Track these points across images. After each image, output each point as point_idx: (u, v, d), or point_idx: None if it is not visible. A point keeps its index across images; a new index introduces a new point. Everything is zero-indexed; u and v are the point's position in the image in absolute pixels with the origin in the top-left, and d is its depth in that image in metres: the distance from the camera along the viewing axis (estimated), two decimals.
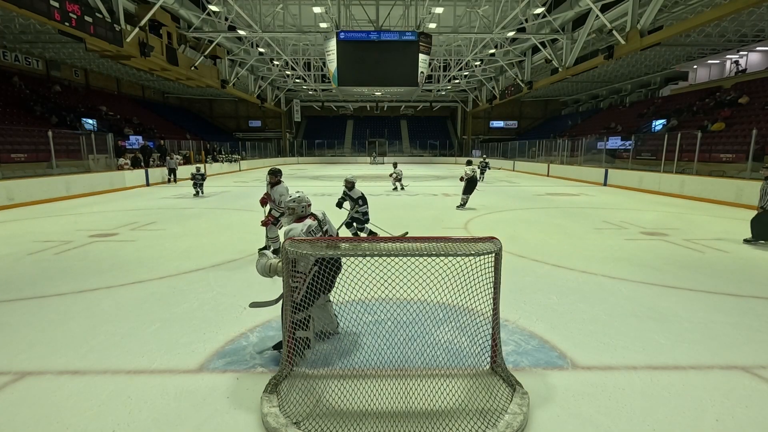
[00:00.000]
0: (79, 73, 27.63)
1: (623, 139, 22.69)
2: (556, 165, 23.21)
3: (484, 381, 2.67)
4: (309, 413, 2.36)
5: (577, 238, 7.15)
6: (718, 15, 11.58)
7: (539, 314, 3.83)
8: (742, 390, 2.66)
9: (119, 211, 10.23)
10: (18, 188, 11.04)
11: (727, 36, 19.70)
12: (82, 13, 11.78)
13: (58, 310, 3.93)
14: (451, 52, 26.40)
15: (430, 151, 43.33)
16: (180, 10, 17.13)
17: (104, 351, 3.14)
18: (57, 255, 5.94)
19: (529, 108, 44.54)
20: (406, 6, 17.84)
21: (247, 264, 5.51)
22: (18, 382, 2.74)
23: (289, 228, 3.03)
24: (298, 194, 3.26)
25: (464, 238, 2.87)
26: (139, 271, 5.17)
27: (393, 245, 2.62)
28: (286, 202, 3.29)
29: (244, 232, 7.55)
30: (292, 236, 2.86)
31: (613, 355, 3.09)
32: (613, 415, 2.40)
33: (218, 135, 37.97)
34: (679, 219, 9.02)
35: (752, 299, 4.28)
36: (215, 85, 22.77)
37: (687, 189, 12.96)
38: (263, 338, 3.35)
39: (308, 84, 32.83)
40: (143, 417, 2.38)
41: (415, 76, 16.90)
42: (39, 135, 14.98)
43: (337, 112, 47.06)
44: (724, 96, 19.94)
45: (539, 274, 5.05)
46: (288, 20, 19.75)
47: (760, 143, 13.27)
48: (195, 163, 23.07)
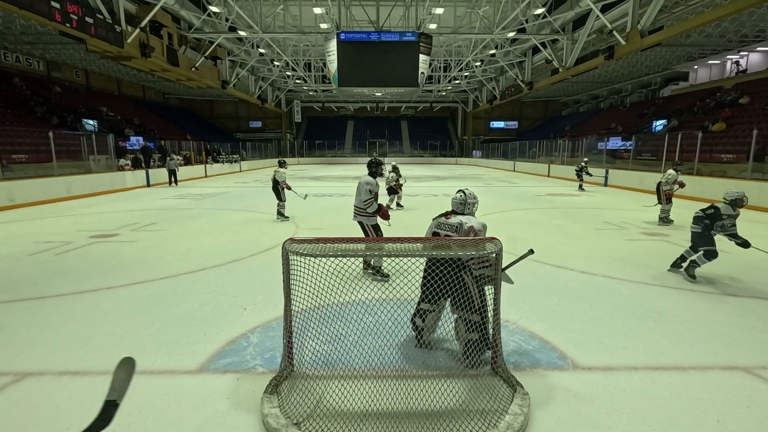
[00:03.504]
0: (79, 74, 27.67)
1: (624, 139, 22.70)
2: (557, 165, 23.20)
3: (484, 382, 2.67)
4: (310, 414, 2.36)
5: (577, 239, 7.14)
6: (719, 15, 11.57)
7: (540, 315, 3.83)
8: (743, 391, 2.66)
9: (120, 211, 10.24)
10: (19, 189, 11.05)
11: (728, 36, 19.69)
12: (82, 14, 11.80)
13: (58, 311, 3.93)
14: (451, 52, 26.41)
15: (430, 152, 43.34)
16: (180, 11, 17.16)
17: (104, 351, 3.15)
18: (57, 256, 5.94)
19: (529, 108, 44.54)
20: (406, 7, 17.85)
21: (248, 264, 5.51)
22: (18, 382, 2.74)
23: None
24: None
25: (464, 239, 2.87)
26: (140, 271, 5.18)
27: (393, 245, 2.62)
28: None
29: (244, 233, 7.56)
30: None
31: (613, 356, 3.08)
32: (613, 416, 2.39)
33: (219, 135, 38.00)
34: (680, 219, 9.01)
35: (753, 299, 4.28)
36: (216, 85, 22.79)
37: (687, 189, 12.91)
38: (264, 339, 3.35)
39: (309, 85, 32.86)
40: (144, 417, 2.38)
41: (415, 76, 16.90)
42: (40, 136, 15.01)
43: (337, 112, 47.10)
44: (724, 96, 19.94)
45: (540, 275, 5.04)
46: (288, 21, 19.77)
47: (760, 143, 13.26)
48: (195, 163, 23.10)
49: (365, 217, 4.84)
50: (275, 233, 7.49)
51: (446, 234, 3.04)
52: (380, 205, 4.84)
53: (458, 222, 3.03)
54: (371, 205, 4.74)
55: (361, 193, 4.77)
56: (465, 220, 3.02)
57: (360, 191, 4.79)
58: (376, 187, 4.78)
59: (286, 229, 8.00)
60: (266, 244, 6.60)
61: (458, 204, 3.15)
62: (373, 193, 4.73)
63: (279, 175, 8.74)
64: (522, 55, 24.81)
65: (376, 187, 4.80)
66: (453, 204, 3.19)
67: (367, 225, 4.89)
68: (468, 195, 3.15)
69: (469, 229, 2.95)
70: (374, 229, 4.92)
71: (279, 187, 8.74)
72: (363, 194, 4.74)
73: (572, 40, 19.00)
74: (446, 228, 3.07)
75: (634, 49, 14.40)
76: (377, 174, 4.91)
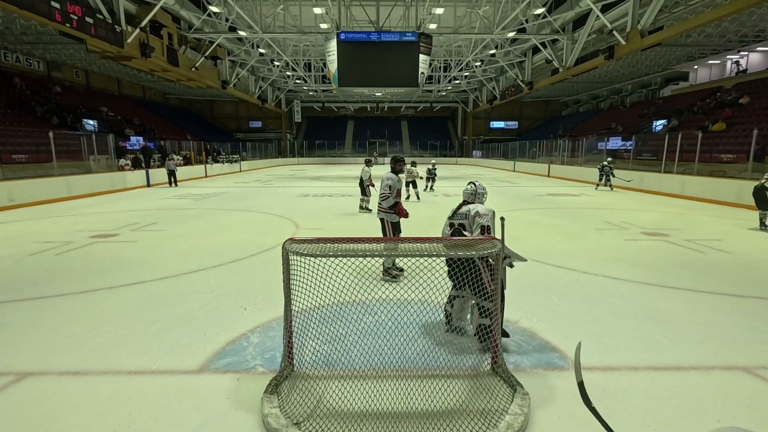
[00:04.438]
0: (80, 74, 27.68)
1: (624, 139, 22.68)
2: (557, 165, 23.20)
3: (484, 382, 2.67)
4: (310, 414, 2.36)
5: (578, 239, 7.14)
6: (719, 15, 11.57)
7: (540, 315, 3.83)
8: (743, 391, 2.66)
9: (120, 211, 10.24)
10: (19, 189, 11.06)
11: (728, 36, 19.69)
12: (83, 14, 11.81)
13: (59, 311, 3.93)
14: (451, 52, 26.42)
15: (430, 152, 43.33)
16: (181, 11, 17.16)
17: (105, 352, 3.15)
18: (58, 256, 5.94)
19: (529, 108, 44.55)
20: (406, 7, 17.85)
21: (248, 264, 5.52)
22: (19, 382, 2.74)
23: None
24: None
25: (465, 239, 2.87)
26: (140, 271, 5.18)
27: (393, 246, 2.62)
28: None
29: (244, 233, 7.56)
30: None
31: (614, 356, 3.08)
32: (614, 416, 2.39)
33: (219, 135, 38.02)
34: (680, 219, 9.01)
35: (753, 299, 4.27)
36: (216, 85, 22.80)
37: (688, 189, 12.95)
38: (264, 339, 3.35)
39: (309, 85, 32.88)
40: (144, 418, 2.38)
41: (415, 76, 16.89)
42: (40, 136, 15.02)
43: (337, 112, 47.12)
44: (724, 96, 19.93)
45: (540, 275, 5.04)
46: (288, 21, 19.78)
47: (760, 143, 13.26)
48: (195, 164, 23.10)
49: (386, 213, 4.85)
50: (275, 233, 7.50)
51: (459, 222, 3.28)
52: (397, 203, 4.85)
53: (467, 210, 3.29)
54: (387, 199, 4.76)
55: (381, 187, 4.83)
56: (472, 207, 3.26)
57: (381, 186, 4.85)
58: (396, 183, 4.82)
59: (287, 229, 8.00)
60: (266, 244, 6.61)
61: (469, 194, 3.41)
62: (391, 188, 4.75)
63: (364, 173, 9.86)
64: (522, 55, 24.81)
65: (397, 183, 4.84)
66: (464, 194, 3.44)
67: (387, 222, 4.89)
68: (478, 186, 3.42)
69: (475, 214, 3.19)
70: (393, 228, 4.91)
71: (364, 183, 9.84)
72: (382, 187, 4.81)
73: (572, 40, 19.00)
74: (458, 217, 3.30)
75: (634, 49, 14.40)
76: (398, 170, 4.95)
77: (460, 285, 3.14)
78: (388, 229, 4.90)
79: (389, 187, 4.75)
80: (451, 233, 3.28)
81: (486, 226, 3.10)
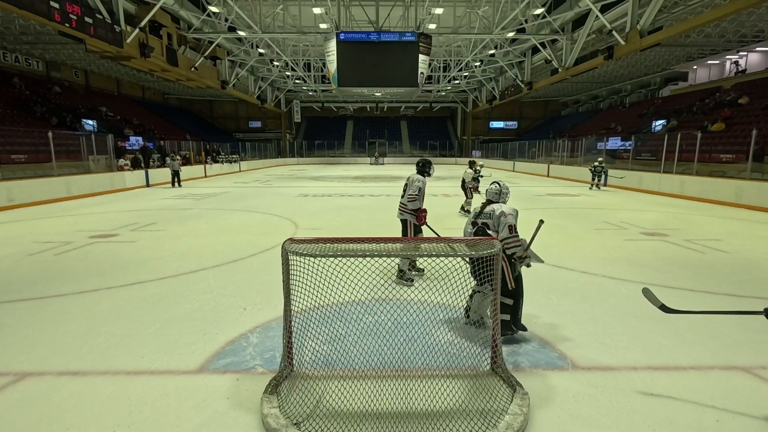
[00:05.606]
0: (79, 74, 27.65)
1: (623, 139, 22.70)
2: (556, 165, 23.21)
3: (484, 382, 2.67)
4: (309, 414, 2.36)
5: (577, 239, 7.15)
6: (718, 15, 11.59)
7: (539, 315, 3.83)
8: (742, 391, 2.66)
9: (119, 211, 10.23)
10: (18, 189, 11.05)
11: (727, 36, 19.71)
12: (82, 14, 11.80)
13: (58, 311, 3.93)
14: (451, 52, 26.43)
15: (430, 152, 43.35)
16: (180, 11, 17.16)
17: (104, 352, 3.14)
18: (57, 256, 5.94)
19: (529, 108, 44.56)
20: (405, 7, 17.86)
21: (247, 264, 5.51)
22: (18, 383, 2.74)
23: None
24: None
25: (465, 239, 2.87)
26: (140, 271, 5.17)
27: (393, 246, 2.62)
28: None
29: (244, 233, 7.55)
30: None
31: (613, 356, 3.08)
32: (613, 416, 2.40)
33: (218, 136, 37.98)
34: (679, 219, 9.02)
35: (752, 299, 4.28)
36: (215, 85, 22.79)
37: (687, 189, 12.96)
38: (263, 339, 3.35)
39: (308, 85, 32.88)
40: (143, 418, 2.37)
41: (415, 76, 16.92)
42: (39, 136, 14.98)
43: (337, 112, 47.11)
44: (723, 96, 19.95)
45: (539, 275, 5.04)
46: (288, 21, 19.78)
47: (760, 143, 13.28)
48: (195, 164, 23.09)
49: (409, 214, 4.79)
50: (275, 233, 7.49)
51: (483, 222, 3.36)
52: (422, 208, 4.81)
53: (491, 209, 3.35)
54: (414, 201, 4.72)
55: (410, 188, 4.77)
56: (497, 207, 3.33)
57: (409, 187, 4.78)
58: (425, 186, 4.83)
59: (286, 229, 8.00)
60: (266, 244, 6.60)
61: (494, 194, 3.49)
62: (420, 191, 4.73)
63: (466, 174, 9.77)
64: (521, 55, 24.82)
65: (425, 186, 4.85)
66: (489, 194, 3.52)
67: (410, 223, 4.82)
68: (502, 186, 3.51)
69: (500, 214, 3.26)
70: (415, 230, 4.84)
71: (465, 185, 9.77)
72: (411, 189, 4.74)
73: (572, 40, 19.01)
74: (483, 216, 3.38)
75: (633, 49, 14.41)
76: (426, 173, 4.94)
77: (482, 282, 3.20)
78: (410, 230, 4.84)
79: (419, 189, 4.72)
80: (474, 232, 3.36)
81: (512, 225, 3.19)
